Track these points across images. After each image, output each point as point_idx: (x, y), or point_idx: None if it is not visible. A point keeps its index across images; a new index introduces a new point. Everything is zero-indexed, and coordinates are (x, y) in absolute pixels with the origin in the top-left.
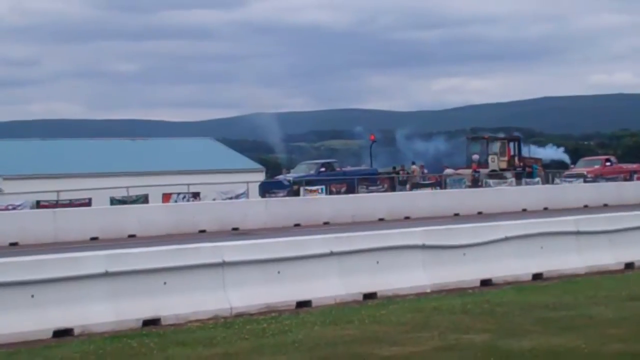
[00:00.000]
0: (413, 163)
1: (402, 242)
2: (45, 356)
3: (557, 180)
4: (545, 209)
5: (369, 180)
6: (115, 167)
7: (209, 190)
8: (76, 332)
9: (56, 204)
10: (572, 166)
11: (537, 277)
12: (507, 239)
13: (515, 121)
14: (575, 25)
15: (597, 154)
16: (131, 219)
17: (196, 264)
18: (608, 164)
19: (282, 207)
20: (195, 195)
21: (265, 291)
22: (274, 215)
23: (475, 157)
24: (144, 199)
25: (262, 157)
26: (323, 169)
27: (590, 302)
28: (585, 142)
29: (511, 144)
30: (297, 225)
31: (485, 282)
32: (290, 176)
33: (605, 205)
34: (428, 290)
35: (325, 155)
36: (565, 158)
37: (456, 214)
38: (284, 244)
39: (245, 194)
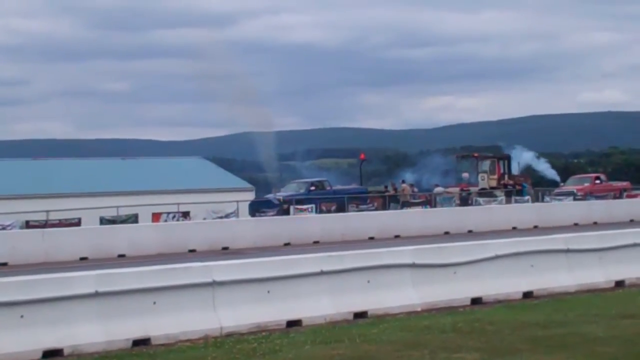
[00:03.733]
0: (403, 182)
1: (393, 261)
2: None
3: (547, 198)
4: (536, 227)
5: (359, 199)
6: (104, 187)
7: (199, 209)
8: (66, 352)
9: (45, 224)
10: (561, 184)
11: (527, 295)
12: (497, 257)
13: (505, 139)
14: (565, 44)
15: (587, 172)
16: (121, 238)
17: (186, 283)
18: (598, 181)
19: (272, 226)
20: (185, 215)
21: (255, 310)
22: (264, 234)
23: (465, 175)
24: (133, 219)
25: (252, 176)
26: (313, 188)
27: (581, 321)
28: (575, 160)
29: (501, 162)
30: (287, 244)
31: (476, 301)
32: (280, 195)
33: (595, 223)
34: (418, 309)
35: (316, 174)
36: (543, 168)
37: (446, 232)
38: (274, 264)
39: (235, 213)
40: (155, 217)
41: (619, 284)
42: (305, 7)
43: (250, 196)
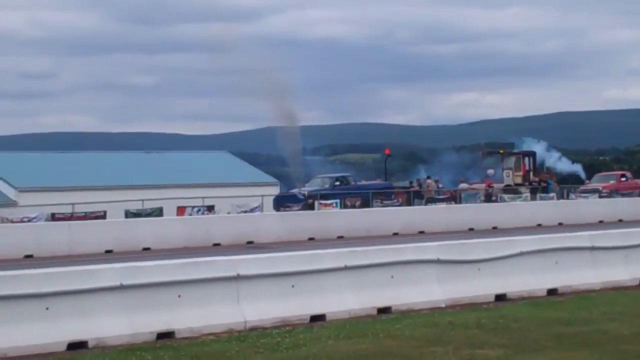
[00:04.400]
0: (428, 177)
1: (417, 257)
2: None
3: (572, 195)
4: (560, 224)
5: (384, 195)
6: (130, 180)
7: (224, 203)
8: (90, 344)
9: (71, 217)
10: (587, 181)
11: (552, 292)
12: (522, 254)
13: (530, 136)
14: (590, 41)
15: (613, 169)
16: (146, 231)
17: (210, 277)
18: (623, 179)
19: (296, 221)
20: (210, 209)
21: (279, 305)
22: (289, 228)
23: (490, 171)
24: (158, 212)
25: (277, 170)
26: (337, 183)
27: (605, 318)
28: (601, 157)
29: (526, 159)
30: (311, 239)
31: (500, 297)
32: (305, 190)
33: (620, 220)
34: (442, 305)
35: (340, 169)
36: (553, 160)
37: (471, 229)
38: (298, 258)
39: (260, 208)
40: (180, 210)
41: None
42: (330, 2)
43: (275, 191)
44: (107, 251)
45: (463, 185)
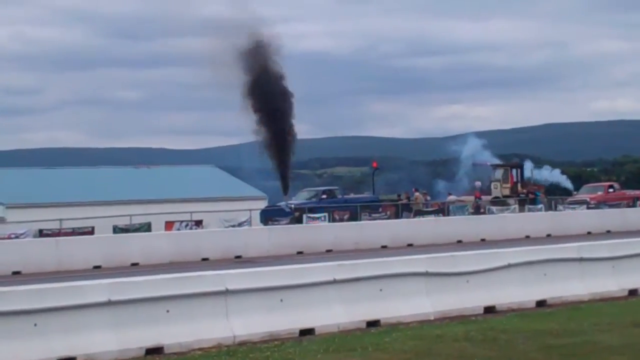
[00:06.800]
0: (416, 190)
1: (406, 270)
2: None
3: (560, 206)
4: (549, 235)
5: (372, 208)
6: (117, 195)
7: (212, 218)
8: None
9: (59, 233)
10: (574, 193)
11: (540, 304)
12: (510, 266)
13: (517, 148)
14: (576, 52)
15: (600, 181)
16: (134, 247)
17: (199, 292)
18: (611, 190)
19: (284, 235)
20: (198, 223)
21: (268, 319)
22: (277, 242)
23: (478, 184)
24: (146, 227)
25: (265, 184)
26: (324, 196)
27: (594, 329)
28: (588, 169)
29: (514, 171)
30: (299, 252)
31: (489, 310)
32: (292, 203)
33: (608, 231)
34: (431, 318)
35: (328, 182)
36: (564, 181)
37: (459, 241)
38: (286, 272)
39: (248, 222)
40: (168, 225)
41: (632, 292)
42: (316, 16)
43: (263, 205)
44: (96, 267)
45: (451, 198)
